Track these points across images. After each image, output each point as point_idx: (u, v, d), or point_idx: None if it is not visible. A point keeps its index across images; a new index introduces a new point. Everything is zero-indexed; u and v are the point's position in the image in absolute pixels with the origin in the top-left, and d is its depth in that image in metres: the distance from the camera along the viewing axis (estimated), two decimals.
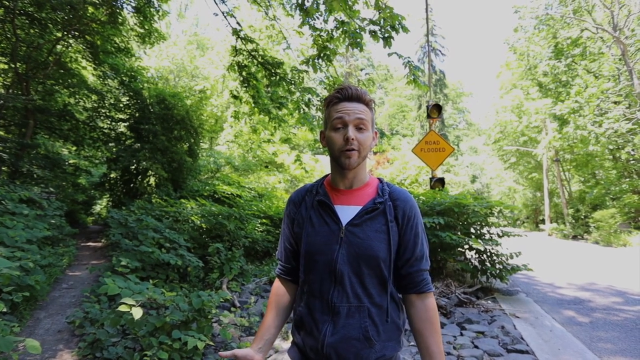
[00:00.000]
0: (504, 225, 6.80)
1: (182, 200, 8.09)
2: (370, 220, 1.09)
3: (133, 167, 10.91)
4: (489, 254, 5.64)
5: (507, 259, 5.52)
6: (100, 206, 15.51)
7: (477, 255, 5.75)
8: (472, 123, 50.71)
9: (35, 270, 3.81)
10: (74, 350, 2.98)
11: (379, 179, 1.24)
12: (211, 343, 2.76)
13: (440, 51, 42.40)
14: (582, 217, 19.88)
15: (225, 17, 7.44)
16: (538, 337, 3.62)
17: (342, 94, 1.12)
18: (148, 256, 4.55)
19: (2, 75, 9.67)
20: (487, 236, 5.83)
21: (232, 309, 4.19)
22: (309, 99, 7.87)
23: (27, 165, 8.62)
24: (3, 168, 8.63)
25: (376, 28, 5.68)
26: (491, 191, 40.82)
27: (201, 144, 14.92)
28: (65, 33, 8.95)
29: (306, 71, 7.56)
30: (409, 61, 5.79)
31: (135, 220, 5.47)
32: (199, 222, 6.98)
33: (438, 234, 5.40)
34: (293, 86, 7.88)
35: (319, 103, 7.96)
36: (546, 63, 18.93)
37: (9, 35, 8.40)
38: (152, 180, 11.54)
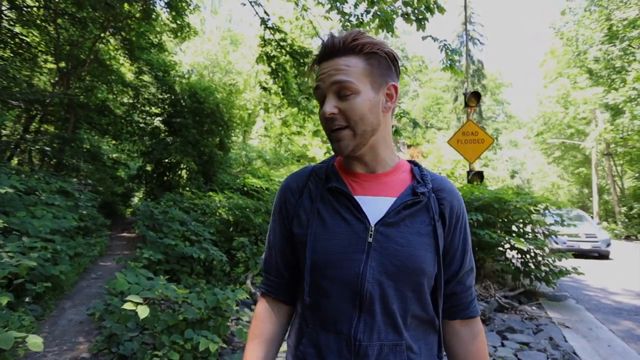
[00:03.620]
0: (550, 224, 6.23)
1: (211, 193, 8.10)
2: (410, 219, 0.77)
3: (166, 160, 11.14)
4: (532, 254, 5.16)
5: (554, 261, 5.02)
6: (138, 198, 16.11)
7: (519, 256, 5.28)
8: (512, 115, 48.22)
9: (62, 260, 3.84)
10: (92, 344, 2.93)
11: (411, 161, 0.89)
12: (224, 345, 2.60)
13: (478, 40, 40.47)
14: (637, 215, 18.28)
15: (252, 6, 7.30)
16: (594, 353, 3.17)
17: (319, 52, 0.78)
18: (172, 249, 4.49)
19: (50, 74, 10.14)
20: (531, 235, 5.33)
21: (253, 306, 4.04)
22: None
23: (70, 158, 8.98)
24: (52, 162, 9.09)
25: (409, 10, 5.30)
26: (532, 187, 38.60)
27: (233, 137, 15.06)
28: (103, 31, 9.21)
29: None
30: (445, 44, 5.36)
31: (162, 212, 5.47)
32: (225, 215, 6.93)
33: (476, 231, 4.99)
34: None
35: None
36: (598, 48, 17.40)
37: (52, 34, 8.74)
38: (183, 173, 11.73)
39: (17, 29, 8.56)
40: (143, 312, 2.12)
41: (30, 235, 3.36)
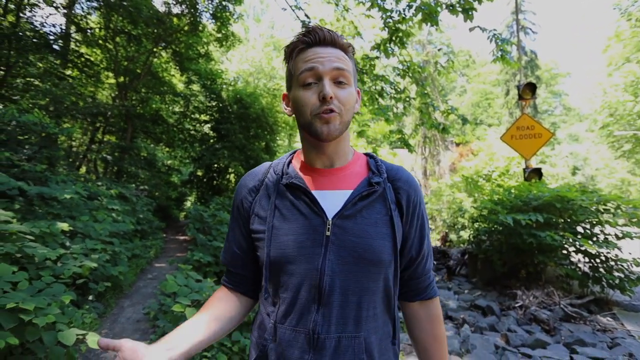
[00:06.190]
0: (622, 225, 5.59)
1: None
2: (367, 209, 0.79)
3: (215, 165, 11.59)
4: (603, 258, 4.66)
5: (630, 266, 4.49)
6: (190, 202, 16.93)
7: (586, 260, 4.80)
8: (571, 107, 44.63)
9: (121, 262, 4.08)
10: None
11: (366, 153, 0.92)
12: None
13: (530, 29, 37.90)
14: None
15: (293, 10, 7.37)
16: None
17: (312, 37, 0.80)
18: (220, 251, 4.62)
19: (110, 88, 11.01)
20: (601, 237, 4.82)
21: None
22: (382, 88, 7.43)
23: (129, 165, 9.65)
24: (113, 169, 9.84)
25: (454, 1, 5.04)
26: (597, 184, 35.30)
27: (279, 141, 15.37)
28: (155, 45, 9.82)
29: (377, 57, 7.11)
30: (494, 34, 5.03)
31: (211, 216, 5.65)
32: None
33: (536, 233, 4.61)
34: (365, 75, 7.51)
35: (392, 91, 7.48)
36: None
37: (112, 52, 9.48)
38: (231, 177, 12.13)
39: (83, 49, 9.37)
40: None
41: (92, 238, 3.61)
